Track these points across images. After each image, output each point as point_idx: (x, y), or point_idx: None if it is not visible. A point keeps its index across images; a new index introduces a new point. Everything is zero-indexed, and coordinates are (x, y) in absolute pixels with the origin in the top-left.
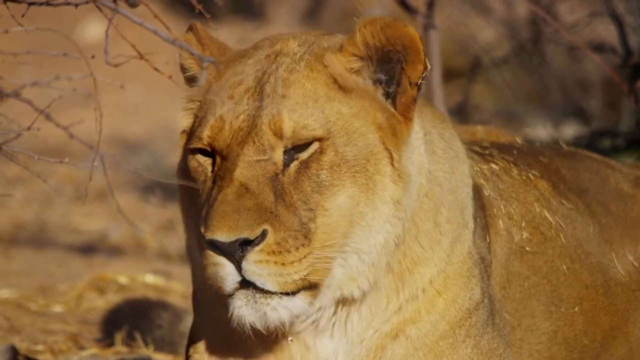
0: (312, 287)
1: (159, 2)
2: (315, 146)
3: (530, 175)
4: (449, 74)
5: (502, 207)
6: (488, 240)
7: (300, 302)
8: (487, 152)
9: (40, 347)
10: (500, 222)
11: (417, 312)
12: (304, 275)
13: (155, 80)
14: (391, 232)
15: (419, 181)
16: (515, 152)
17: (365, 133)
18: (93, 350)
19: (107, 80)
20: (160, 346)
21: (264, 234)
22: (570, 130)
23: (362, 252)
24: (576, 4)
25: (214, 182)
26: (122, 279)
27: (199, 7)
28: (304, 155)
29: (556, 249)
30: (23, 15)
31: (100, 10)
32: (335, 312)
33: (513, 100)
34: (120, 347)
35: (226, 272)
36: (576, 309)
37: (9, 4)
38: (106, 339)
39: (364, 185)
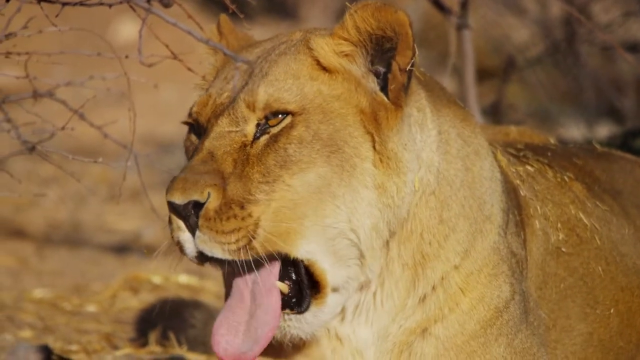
0: (287, 261)
1: (192, 2)
2: (287, 120)
3: (565, 178)
4: (483, 74)
5: (538, 207)
6: (523, 237)
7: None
8: (521, 154)
9: (74, 347)
10: (537, 222)
11: (440, 309)
12: (244, 244)
13: (189, 80)
14: (379, 217)
15: (425, 177)
16: (549, 154)
17: (345, 115)
18: (127, 349)
19: (140, 80)
20: (194, 346)
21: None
22: (604, 130)
23: (345, 234)
24: (610, 4)
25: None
26: (156, 279)
27: (233, 6)
28: (275, 129)
29: (592, 251)
30: (57, 16)
31: (134, 10)
32: (359, 303)
33: (547, 100)
34: (154, 347)
35: (185, 238)
36: (612, 311)
37: (43, 4)
38: (140, 338)
39: (338, 167)
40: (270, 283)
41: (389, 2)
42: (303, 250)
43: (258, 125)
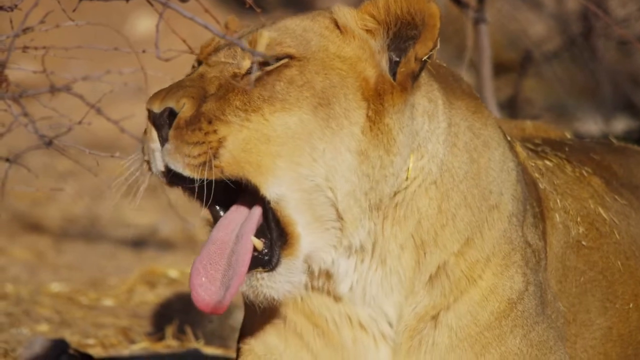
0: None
1: None
2: (283, 61)
3: (584, 172)
4: (500, 68)
5: (558, 201)
6: (541, 229)
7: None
8: (539, 148)
9: (91, 341)
10: (557, 215)
11: (445, 296)
12: (204, 161)
13: None
14: (356, 185)
15: (427, 166)
16: (566, 148)
17: (345, 76)
18: (143, 344)
19: (157, 74)
20: (211, 340)
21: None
22: (621, 124)
23: (323, 190)
24: None
25: None
26: (173, 273)
27: (250, 1)
28: (270, 67)
29: (611, 245)
30: (74, 10)
31: (151, 4)
32: (359, 278)
33: (564, 94)
34: (170, 341)
35: (154, 147)
36: (631, 305)
37: None
38: (157, 332)
39: (323, 120)
40: (247, 228)
41: (441, 9)
42: (273, 190)
43: (253, 64)
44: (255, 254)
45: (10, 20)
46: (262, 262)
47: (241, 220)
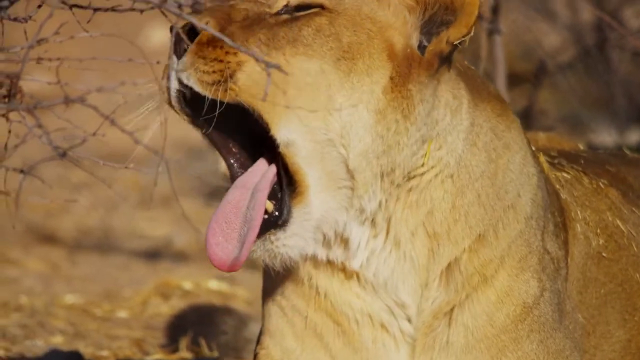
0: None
1: None
2: (314, 9)
3: (601, 184)
4: (514, 79)
5: (578, 212)
6: (563, 239)
7: None
8: (556, 161)
9: (105, 353)
10: (578, 226)
11: (457, 292)
12: (219, 79)
13: None
14: (369, 145)
15: (445, 158)
16: (582, 161)
17: (373, 37)
18: (158, 355)
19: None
20: (225, 352)
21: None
22: (635, 135)
23: (336, 146)
24: None
25: None
26: (187, 285)
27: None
28: (300, 13)
29: (629, 258)
30: (88, 21)
31: (165, 15)
32: (367, 240)
33: (578, 105)
34: (184, 353)
35: (172, 62)
36: None
37: (75, 9)
38: (171, 344)
39: (345, 73)
40: (261, 185)
41: None
42: (284, 133)
43: (287, 6)
44: (266, 216)
45: (24, 31)
46: (273, 223)
47: (256, 180)
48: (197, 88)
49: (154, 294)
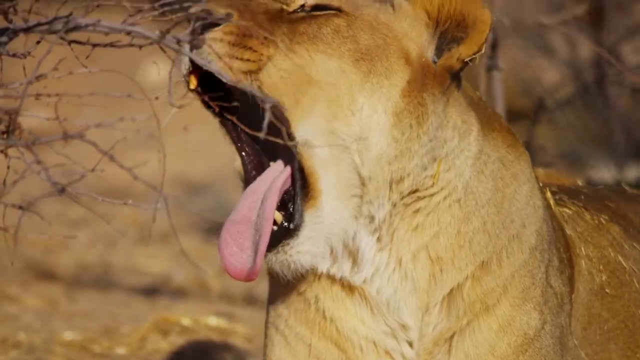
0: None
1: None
2: (332, 11)
3: (602, 220)
4: (513, 115)
5: (582, 248)
6: (568, 274)
7: None
8: (557, 197)
9: None
10: (583, 262)
11: (458, 319)
12: (252, 68)
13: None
14: (384, 149)
15: (453, 182)
16: (582, 196)
17: (389, 43)
18: None
19: (170, 121)
20: None
21: (229, 18)
22: (634, 172)
23: (350, 153)
24: None
25: None
26: (186, 321)
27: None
28: (318, 12)
29: (631, 294)
30: (87, 57)
31: (164, 51)
32: (374, 252)
33: (577, 142)
34: None
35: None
36: None
37: (74, 45)
38: None
39: (364, 74)
40: (270, 192)
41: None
42: (304, 131)
43: (303, 6)
44: (275, 227)
45: (23, 67)
46: (284, 233)
47: (265, 188)
48: (228, 75)
49: (153, 330)
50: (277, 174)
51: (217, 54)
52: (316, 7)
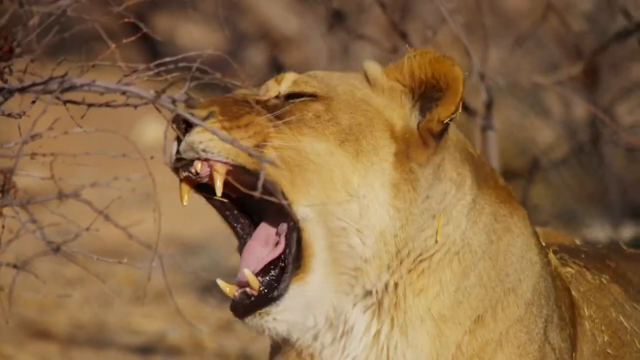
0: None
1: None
2: (308, 98)
3: (603, 280)
4: (508, 175)
5: (585, 309)
6: (569, 333)
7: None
8: (558, 255)
9: None
10: (586, 323)
11: None
12: (254, 144)
13: None
14: (388, 223)
15: (452, 235)
16: (583, 255)
17: (372, 118)
18: None
19: (166, 180)
20: None
21: (211, 116)
22: (629, 231)
23: (348, 235)
24: (635, 105)
25: None
26: None
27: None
28: (294, 100)
29: (633, 354)
30: (82, 117)
31: (159, 111)
32: (369, 326)
33: (572, 201)
34: None
35: (174, 146)
36: None
37: (69, 105)
38: None
39: (352, 154)
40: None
41: (448, 55)
42: (302, 209)
43: (277, 96)
44: (255, 293)
45: (18, 126)
46: (264, 299)
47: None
48: (228, 156)
49: None
50: (271, 245)
51: (204, 143)
52: (290, 96)
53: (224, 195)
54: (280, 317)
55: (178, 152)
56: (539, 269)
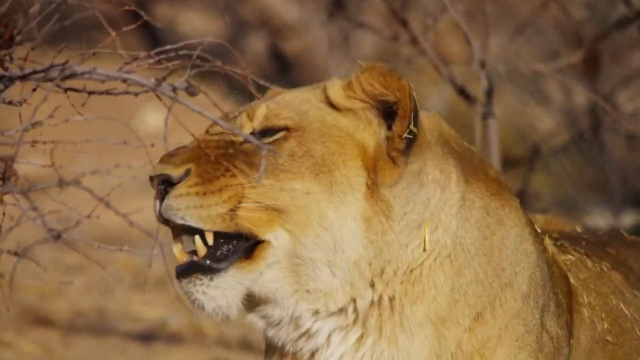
0: (247, 251)
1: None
2: (281, 134)
3: (604, 267)
4: (508, 163)
5: (584, 296)
6: (566, 320)
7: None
8: (559, 243)
9: None
10: (585, 310)
11: None
12: (228, 209)
13: None
14: (362, 253)
15: (442, 239)
16: (584, 242)
17: (343, 144)
18: None
19: None
20: None
21: (187, 173)
22: (629, 218)
23: (331, 264)
24: (635, 93)
25: None
26: None
27: (258, 95)
28: (268, 139)
29: (633, 342)
30: (83, 105)
31: (160, 98)
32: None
33: (572, 189)
34: None
35: (157, 204)
36: None
37: (69, 93)
38: None
39: (327, 187)
40: None
41: (396, 69)
42: (270, 233)
43: (252, 133)
44: (196, 258)
45: (19, 114)
46: (201, 267)
47: None
48: (200, 225)
49: None
50: None
51: (182, 211)
52: (264, 132)
53: None
54: (210, 293)
55: (160, 211)
56: (535, 259)
